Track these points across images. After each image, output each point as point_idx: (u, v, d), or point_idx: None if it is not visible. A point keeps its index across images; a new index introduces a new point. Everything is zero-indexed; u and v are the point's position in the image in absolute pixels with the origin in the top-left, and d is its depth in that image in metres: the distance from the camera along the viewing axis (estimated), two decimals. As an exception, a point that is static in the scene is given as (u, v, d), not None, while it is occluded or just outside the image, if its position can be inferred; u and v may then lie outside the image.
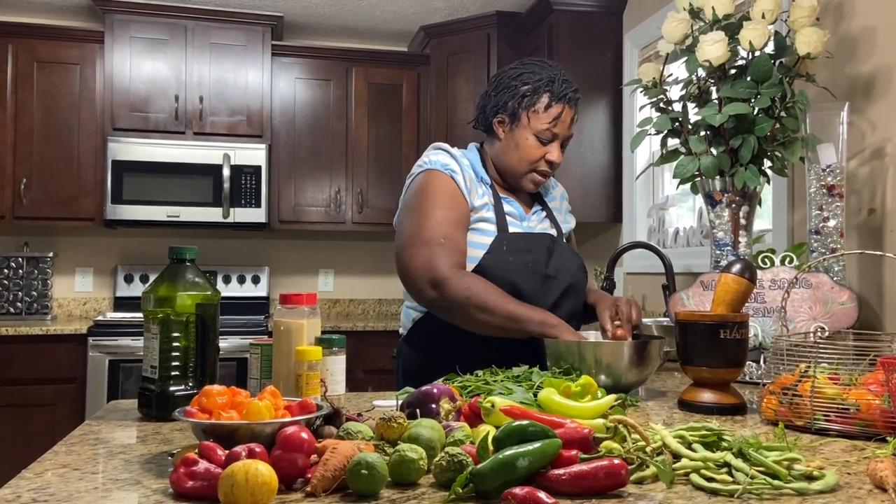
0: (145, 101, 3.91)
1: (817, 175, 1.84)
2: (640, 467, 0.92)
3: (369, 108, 4.24)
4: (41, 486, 0.89)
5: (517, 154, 1.70)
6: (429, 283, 1.59)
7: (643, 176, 3.21)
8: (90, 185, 3.88)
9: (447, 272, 1.57)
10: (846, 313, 1.70)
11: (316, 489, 0.84)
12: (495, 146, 1.75)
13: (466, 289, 1.56)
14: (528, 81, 1.69)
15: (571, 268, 1.74)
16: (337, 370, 1.35)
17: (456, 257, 1.60)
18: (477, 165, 1.73)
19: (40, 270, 4.01)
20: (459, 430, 1.01)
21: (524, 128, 1.68)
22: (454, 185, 1.66)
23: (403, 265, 1.63)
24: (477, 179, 1.71)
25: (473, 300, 1.55)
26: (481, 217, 1.67)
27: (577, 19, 3.41)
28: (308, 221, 4.19)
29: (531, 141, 1.68)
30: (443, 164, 1.68)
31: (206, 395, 1.03)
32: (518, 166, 1.71)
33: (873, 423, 1.14)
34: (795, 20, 1.82)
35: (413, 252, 1.62)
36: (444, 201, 1.64)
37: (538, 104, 1.67)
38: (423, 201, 1.65)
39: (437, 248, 1.59)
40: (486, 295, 1.55)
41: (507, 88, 1.70)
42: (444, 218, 1.62)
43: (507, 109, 1.70)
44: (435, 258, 1.58)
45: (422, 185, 1.68)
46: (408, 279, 1.63)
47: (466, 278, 1.58)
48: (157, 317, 1.29)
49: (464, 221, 1.65)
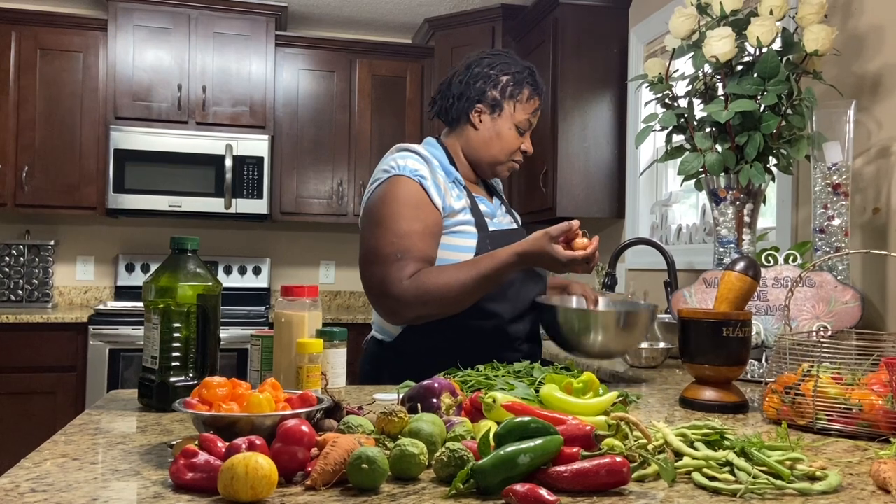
0: (148, 90, 3.90)
1: (823, 173, 1.83)
2: (642, 465, 0.92)
3: (373, 100, 4.23)
4: (40, 475, 0.88)
5: (499, 144, 1.69)
6: (384, 306, 1.55)
7: (646, 172, 3.20)
8: (92, 174, 3.87)
9: (398, 290, 1.51)
10: (849, 312, 1.70)
11: (316, 483, 0.84)
12: (468, 137, 1.70)
13: (418, 296, 1.50)
14: (507, 72, 1.68)
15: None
16: (338, 363, 1.34)
17: (414, 267, 1.52)
18: (446, 164, 1.67)
19: (41, 258, 4.00)
20: (460, 425, 1.01)
21: (507, 118, 1.68)
22: (422, 193, 1.57)
23: (363, 283, 1.60)
24: (450, 181, 1.64)
25: (431, 301, 1.50)
26: (461, 220, 1.62)
27: (583, 13, 3.39)
28: (310, 213, 4.18)
29: (512, 131, 1.69)
30: (412, 169, 1.58)
31: (206, 386, 1.03)
32: (498, 156, 1.70)
33: (876, 423, 1.13)
34: (803, 17, 1.81)
35: (368, 271, 1.57)
36: (408, 212, 1.55)
37: (521, 95, 1.67)
38: (385, 213, 1.56)
39: (392, 265, 1.52)
40: (441, 283, 1.49)
41: (486, 78, 1.67)
42: (405, 230, 1.53)
43: (486, 99, 1.67)
44: (387, 277, 1.52)
45: (385, 194, 1.59)
46: (368, 298, 1.60)
47: (416, 282, 1.51)
48: (158, 307, 1.29)
49: (432, 230, 1.57)
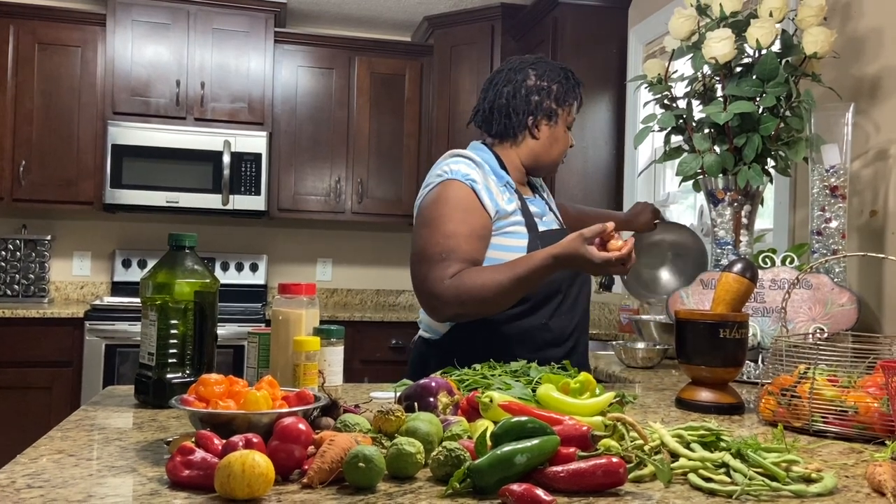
0: (146, 86, 3.90)
1: (821, 175, 1.83)
2: (638, 466, 0.92)
3: (371, 97, 4.22)
4: (36, 471, 0.88)
5: (557, 146, 1.78)
6: (427, 303, 1.59)
7: (644, 173, 3.20)
8: (90, 169, 3.86)
9: (438, 289, 1.54)
10: (846, 315, 1.70)
11: (313, 481, 0.84)
12: (528, 146, 1.75)
13: (457, 295, 1.53)
14: (555, 80, 1.74)
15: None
16: (335, 361, 1.34)
17: (457, 267, 1.55)
18: (497, 168, 1.71)
19: (38, 253, 3.99)
20: (457, 424, 1.01)
21: (562, 122, 1.76)
22: (472, 197, 1.62)
23: (413, 283, 1.64)
24: (501, 184, 1.69)
25: (469, 301, 1.52)
26: (513, 221, 1.66)
27: (582, 13, 3.39)
28: (307, 210, 4.18)
29: (565, 133, 1.79)
30: (463, 174, 1.63)
31: (203, 383, 1.03)
32: (558, 158, 1.80)
33: (871, 425, 1.14)
34: (803, 19, 1.81)
35: (414, 270, 1.62)
36: (457, 215, 1.59)
37: (570, 98, 1.76)
38: (434, 215, 1.61)
39: (436, 265, 1.56)
40: (478, 283, 1.52)
41: (539, 90, 1.73)
42: (452, 231, 1.58)
43: (542, 110, 1.73)
44: (429, 275, 1.56)
45: (436, 197, 1.63)
46: (418, 297, 1.64)
47: (456, 282, 1.53)
48: (155, 303, 1.29)
49: (480, 233, 1.61)
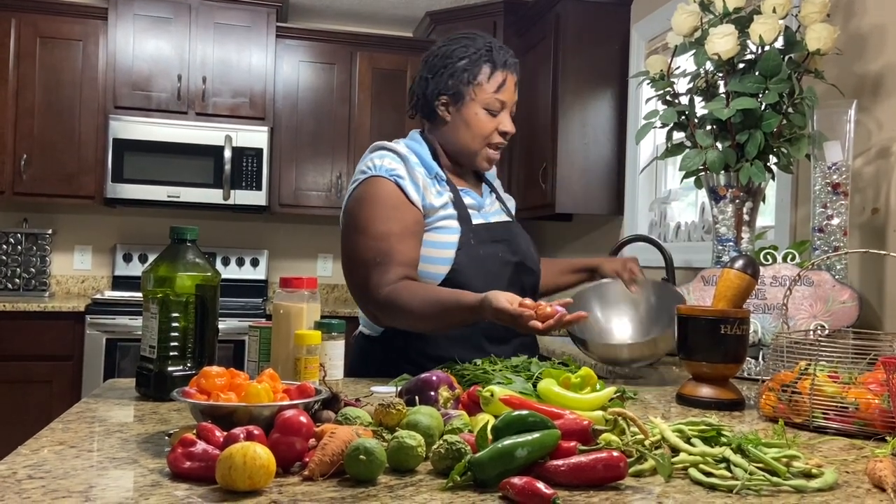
0: (148, 80, 3.89)
1: (823, 173, 1.83)
2: (639, 460, 0.92)
3: (373, 93, 4.22)
4: (37, 462, 0.88)
5: (469, 132, 1.64)
6: (365, 310, 1.59)
7: (646, 169, 3.20)
8: (91, 163, 3.86)
9: (375, 297, 1.51)
10: (847, 312, 1.70)
11: (313, 473, 0.84)
12: (442, 130, 1.68)
13: (391, 310, 1.50)
14: (463, 56, 1.62)
15: (531, 250, 1.75)
16: (336, 355, 1.34)
17: (395, 272, 1.51)
18: (427, 159, 1.65)
19: (39, 247, 3.99)
20: (458, 418, 1.01)
21: (471, 103, 1.62)
22: (398, 193, 1.56)
23: (348, 287, 1.63)
24: (431, 177, 1.63)
25: (400, 318, 1.51)
26: (443, 215, 1.60)
27: (585, 9, 3.39)
28: (308, 206, 4.17)
29: (481, 115, 1.63)
30: (388, 169, 1.58)
31: (204, 376, 1.03)
32: (472, 144, 1.65)
33: (872, 422, 1.14)
34: (806, 15, 1.81)
35: (351, 276, 1.60)
36: (385, 213, 1.55)
37: (480, 76, 1.62)
38: (363, 216, 1.57)
39: (372, 270, 1.52)
40: (408, 306, 1.47)
41: (444, 68, 1.63)
42: (383, 232, 1.53)
43: (448, 89, 1.63)
44: (368, 282, 1.53)
45: (362, 196, 1.59)
46: (356, 302, 1.62)
47: (393, 295, 1.49)
48: (156, 297, 1.29)
49: (411, 229, 1.56)
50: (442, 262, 1.58)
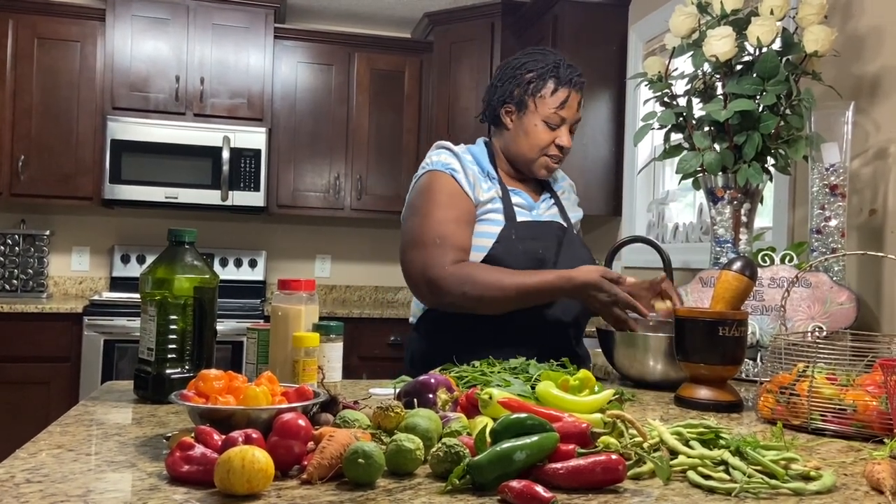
0: (145, 81, 3.89)
1: (820, 174, 1.83)
2: (638, 463, 0.92)
3: (371, 94, 4.22)
4: (35, 466, 0.88)
5: (527, 141, 1.72)
6: (425, 286, 1.62)
7: (644, 170, 3.20)
8: (88, 164, 3.86)
9: (440, 272, 1.58)
10: (844, 313, 1.70)
11: (312, 476, 0.84)
12: (504, 137, 1.77)
13: (461, 284, 1.57)
14: (532, 69, 1.72)
15: (578, 256, 1.74)
16: (334, 357, 1.34)
17: (453, 255, 1.60)
18: (482, 160, 1.74)
19: (37, 248, 3.99)
20: (456, 420, 1.01)
21: (532, 114, 1.71)
22: (454, 184, 1.67)
23: (403, 269, 1.68)
24: (482, 174, 1.72)
25: (470, 292, 1.56)
26: (488, 209, 1.69)
27: (583, 10, 3.39)
28: (307, 207, 4.17)
29: (540, 127, 1.71)
30: (444, 163, 1.69)
31: (203, 379, 1.03)
32: (529, 153, 1.73)
33: (870, 424, 1.14)
34: (804, 17, 1.81)
35: (409, 256, 1.65)
36: (444, 200, 1.65)
37: (544, 90, 1.70)
38: (423, 203, 1.67)
39: (432, 249, 1.60)
40: (484, 280, 1.56)
41: (512, 78, 1.73)
42: (441, 218, 1.63)
43: (513, 98, 1.72)
44: (428, 260, 1.60)
45: (423, 187, 1.70)
46: (408, 283, 1.67)
47: (462, 270, 1.58)
48: (154, 299, 1.28)
49: (466, 218, 1.66)
50: (478, 249, 1.66)
